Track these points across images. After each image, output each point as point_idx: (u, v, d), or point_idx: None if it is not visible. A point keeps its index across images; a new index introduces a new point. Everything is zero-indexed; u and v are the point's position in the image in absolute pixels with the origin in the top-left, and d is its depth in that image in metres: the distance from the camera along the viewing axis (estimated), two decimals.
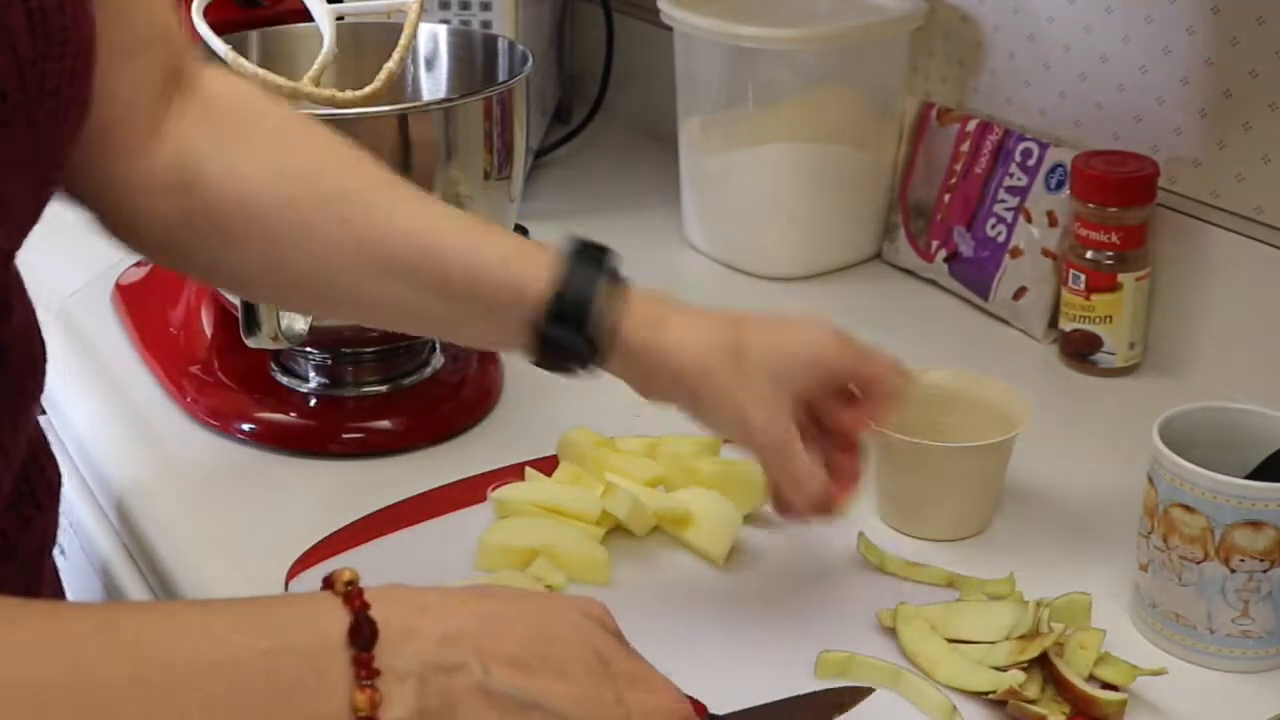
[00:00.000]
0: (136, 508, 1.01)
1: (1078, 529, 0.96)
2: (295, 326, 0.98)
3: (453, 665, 0.61)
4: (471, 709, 0.60)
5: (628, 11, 1.65)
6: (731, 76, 1.31)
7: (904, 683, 0.81)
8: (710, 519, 0.93)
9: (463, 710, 0.60)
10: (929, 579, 0.89)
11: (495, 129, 1.02)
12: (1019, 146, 1.23)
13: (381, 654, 0.59)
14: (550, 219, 1.45)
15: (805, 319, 0.86)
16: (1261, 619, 0.82)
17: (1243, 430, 0.86)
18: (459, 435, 1.07)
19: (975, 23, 1.30)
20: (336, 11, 1.06)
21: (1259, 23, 1.06)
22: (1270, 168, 1.08)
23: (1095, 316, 1.14)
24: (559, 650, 0.64)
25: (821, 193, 1.32)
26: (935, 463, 0.93)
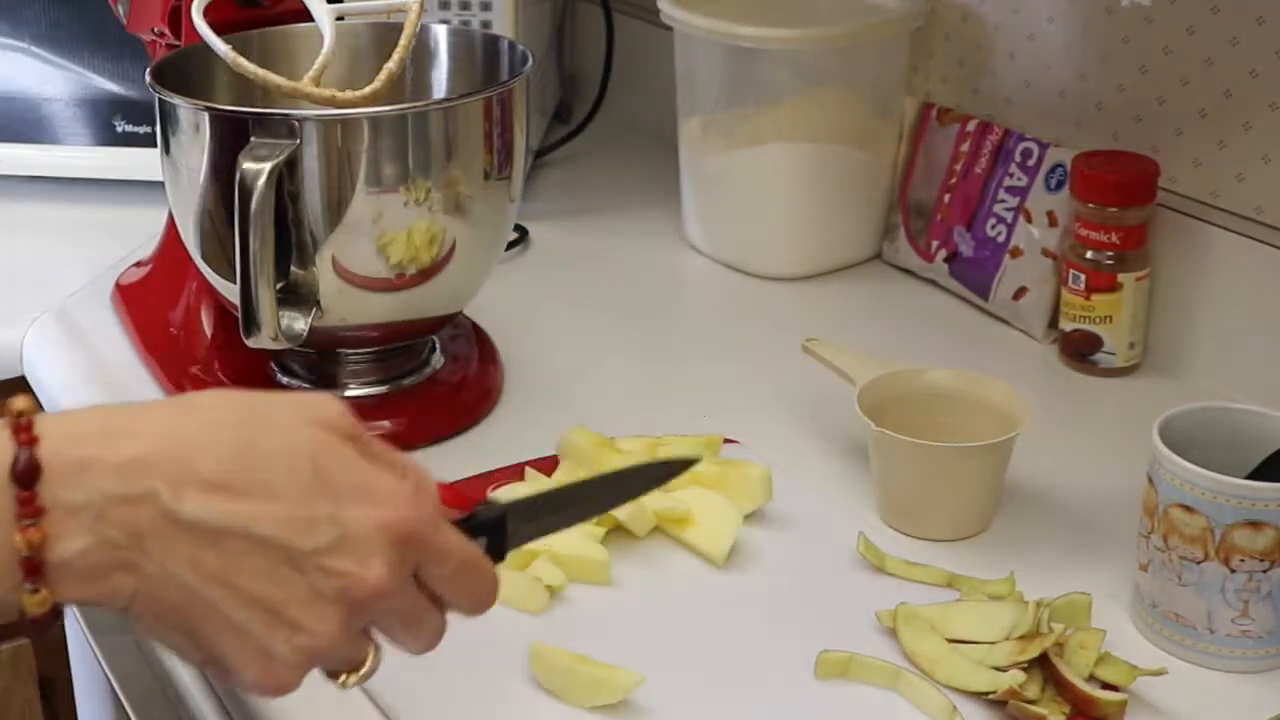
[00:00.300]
0: None
1: (1078, 529, 0.96)
2: (295, 326, 0.98)
3: (137, 495, 0.56)
4: (160, 541, 0.56)
5: (628, 11, 1.65)
6: (731, 76, 1.31)
7: (904, 683, 0.81)
8: (710, 519, 0.93)
9: (150, 542, 0.56)
10: (929, 579, 0.89)
11: (495, 129, 1.02)
12: (1019, 146, 1.23)
13: (49, 488, 0.55)
14: (550, 219, 1.46)
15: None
16: (1261, 619, 0.82)
17: (1243, 430, 0.86)
18: (459, 435, 1.07)
19: (975, 23, 1.30)
20: (336, 11, 1.06)
21: (1259, 23, 1.06)
22: (1270, 168, 1.08)
23: (1095, 316, 1.14)
24: (267, 465, 0.58)
25: (821, 193, 1.32)
26: (935, 463, 0.93)
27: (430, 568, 0.62)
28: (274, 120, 0.95)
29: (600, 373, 1.17)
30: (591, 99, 1.63)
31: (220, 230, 1.00)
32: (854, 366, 1.01)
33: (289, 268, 0.98)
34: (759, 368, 1.17)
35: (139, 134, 1.47)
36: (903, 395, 0.98)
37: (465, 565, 0.63)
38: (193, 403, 0.60)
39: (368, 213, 0.98)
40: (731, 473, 0.96)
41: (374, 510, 0.59)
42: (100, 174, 1.47)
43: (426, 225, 1.00)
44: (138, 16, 1.17)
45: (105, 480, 0.56)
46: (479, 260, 1.06)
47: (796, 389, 1.12)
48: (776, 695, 0.81)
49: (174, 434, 0.58)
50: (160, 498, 0.56)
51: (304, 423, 0.60)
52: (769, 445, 1.03)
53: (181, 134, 1.00)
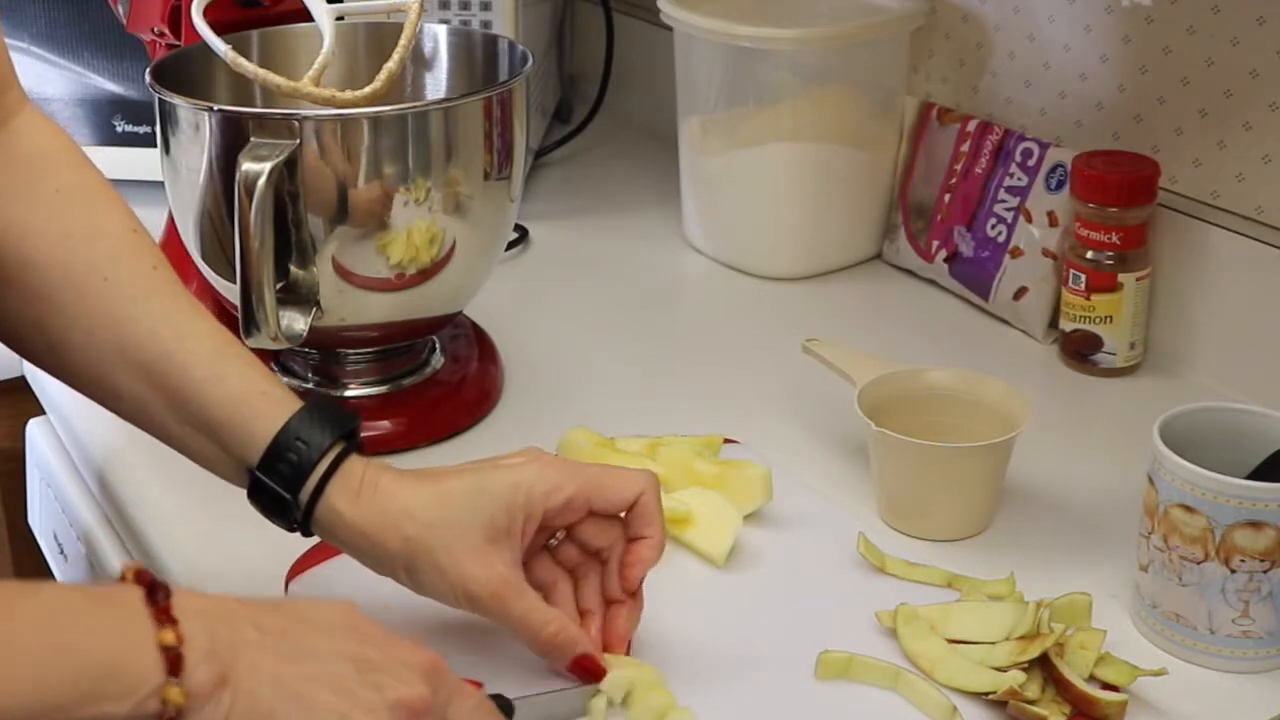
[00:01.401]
0: (136, 508, 1.01)
1: (1078, 529, 0.96)
2: (295, 326, 0.98)
3: (231, 623, 0.65)
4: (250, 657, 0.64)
5: (628, 11, 1.65)
6: (731, 76, 1.31)
7: (904, 683, 0.81)
8: (710, 519, 0.93)
9: (245, 657, 0.64)
10: (929, 579, 0.89)
11: (495, 129, 1.02)
12: (1019, 146, 1.23)
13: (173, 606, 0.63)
14: (550, 219, 1.46)
15: (519, 454, 0.81)
16: (1262, 619, 0.82)
17: (1243, 430, 0.86)
18: (459, 435, 1.07)
19: (976, 23, 1.30)
20: (336, 11, 1.06)
21: (1259, 23, 1.06)
22: (1270, 168, 1.08)
23: (1095, 316, 1.14)
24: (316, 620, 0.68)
25: (821, 193, 1.32)
26: (935, 463, 0.93)
27: (457, 702, 0.70)
28: (274, 120, 0.95)
29: (600, 373, 1.17)
30: (591, 99, 1.63)
31: (220, 230, 1.00)
32: (854, 366, 1.01)
33: (289, 268, 0.98)
34: (759, 368, 1.17)
35: (139, 134, 1.47)
36: (903, 395, 0.98)
37: (484, 704, 0.72)
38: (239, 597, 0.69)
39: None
40: (731, 473, 0.96)
41: (409, 653, 0.69)
42: None
43: (426, 225, 1.00)
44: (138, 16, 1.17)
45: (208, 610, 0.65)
46: (479, 260, 1.06)
47: (796, 389, 1.12)
48: (776, 695, 0.81)
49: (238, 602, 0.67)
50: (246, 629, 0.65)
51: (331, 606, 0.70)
52: (769, 445, 1.03)
53: (181, 134, 1.00)
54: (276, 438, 0.79)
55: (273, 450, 0.79)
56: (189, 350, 0.81)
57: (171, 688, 0.61)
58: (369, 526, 0.78)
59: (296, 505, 0.79)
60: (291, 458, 0.78)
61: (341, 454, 0.80)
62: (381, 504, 0.78)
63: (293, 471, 0.79)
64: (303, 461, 0.78)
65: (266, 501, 0.80)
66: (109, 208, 0.85)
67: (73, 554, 1.14)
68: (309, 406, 0.80)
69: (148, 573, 0.64)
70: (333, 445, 0.79)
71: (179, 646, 0.62)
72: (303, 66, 1.02)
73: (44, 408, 1.20)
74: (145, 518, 1.00)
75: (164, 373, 0.80)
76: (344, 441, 0.80)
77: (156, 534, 0.98)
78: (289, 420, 0.79)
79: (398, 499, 0.78)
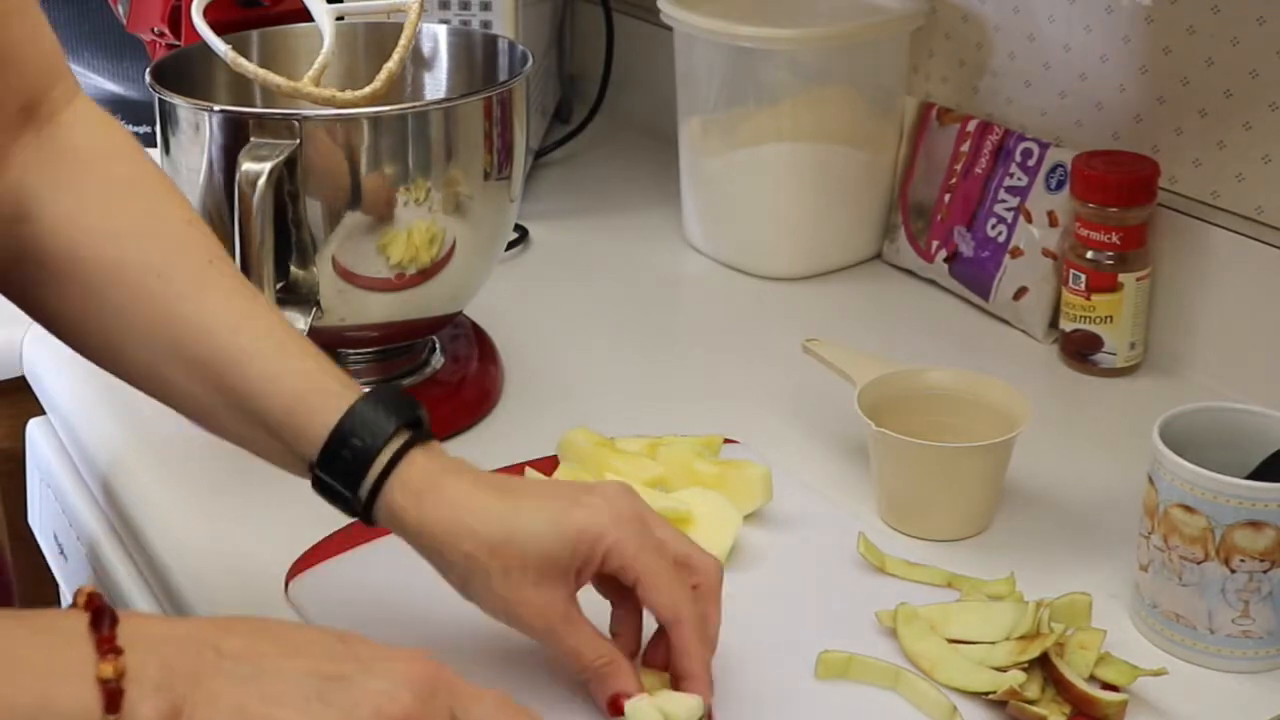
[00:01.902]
0: (136, 508, 1.01)
1: (1078, 529, 0.96)
2: (295, 326, 0.98)
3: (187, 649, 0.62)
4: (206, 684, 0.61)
5: (628, 11, 1.65)
6: (731, 76, 1.31)
7: (904, 683, 0.81)
8: (710, 519, 0.93)
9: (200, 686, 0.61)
10: (929, 579, 0.89)
11: (495, 129, 1.02)
12: (1019, 146, 1.23)
13: (122, 633, 0.60)
14: (550, 219, 1.46)
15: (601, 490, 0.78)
16: (1262, 619, 0.82)
17: (1243, 430, 0.86)
18: (459, 435, 1.07)
19: (976, 23, 1.30)
20: (336, 11, 1.06)
21: (1259, 23, 1.06)
22: (1270, 168, 1.08)
23: (1096, 316, 1.14)
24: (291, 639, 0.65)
25: (821, 193, 1.32)
26: (935, 463, 0.93)
27: (472, 708, 0.66)
28: (274, 120, 0.95)
29: (600, 373, 1.17)
30: (591, 99, 1.63)
31: (220, 230, 0.99)
32: (854, 366, 1.01)
33: (289, 268, 0.98)
34: (759, 368, 1.17)
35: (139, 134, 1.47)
36: (903, 395, 0.98)
37: (504, 700, 0.68)
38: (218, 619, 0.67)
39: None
40: (731, 473, 0.96)
41: (397, 661, 0.65)
42: None
43: (426, 225, 1.00)
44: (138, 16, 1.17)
45: (162, 636, 0.62)
46: (479, 260, 1.06)
47: (796, 389, 1.12)
48: (776, 695, 0.81)
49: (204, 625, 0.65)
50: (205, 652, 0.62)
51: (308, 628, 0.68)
52: (769, 445, 1.03)
53: (181, 134, 1.00)
54: (333, 434, 0.77)
55: (330, 447, 0.77)
56: (244, 348, 0.78)
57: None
58: (432, 532, 0.76)
59: (358, 500, 0.77)
60: (347, 455, 0.76)
61: (404, 446, 0.77)
62: (445, 513, 0.76)
63: (350, 469, 0.76)
64: (359, 458, 0.76)
65: (331, 496, 0.79)
66: (163, 200, 0.83)
67: (73, 554, 1.14)
68: (366, 398, 0.78)
69: (99, 597, 0.61)
70: (392, 437, 0.76)
71: (119, 680, 0.58)
72: (303, 66, 1.02)
73: (44, 408, 1.20)
74: (146, 518, 1.00)
75: (220, 372, 0.78)
76: (407, 431, 0.77)
77: (157, 534, 0.98)
78: (344, 415, 0.77)
79: (462, 510, 0.76)
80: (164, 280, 0.79)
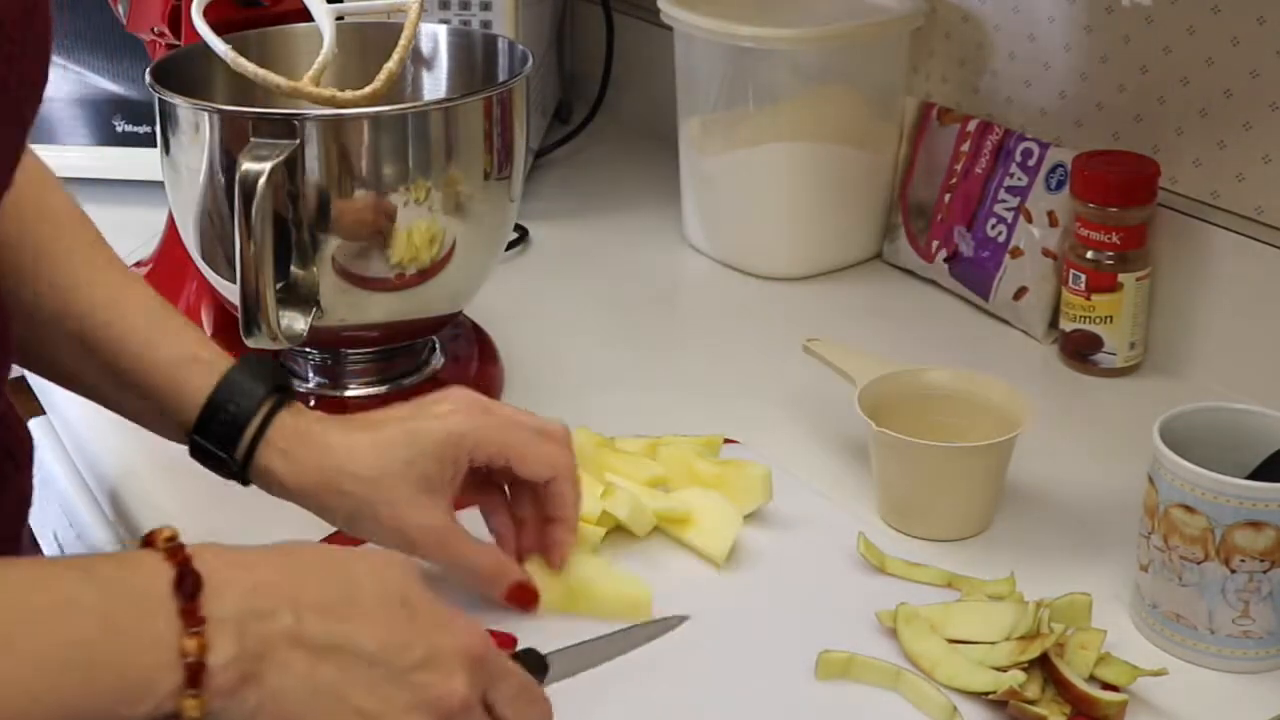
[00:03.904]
0: (136, 508, 1.01)
1: (1078, 529, 0.96)
2: (295, 326, 0.98)
3: (266, 612, 0.63)
4: (284, 654, 0.62)
5: (628, 11, 1.65)
6: (731, 76, 1.31)
7: (904, 683, 0.81)
8: (710, 519, 0.93)
9: (276, 655, 0.62)
10: (929, 579, 0.89)
11: (495, 129, 1.02)
12: (1019, 146, 1.23)
13: (204, 603, 0.61)
14: (550, 219, 1.46)
15: (448, 399, 0.85)
16: (1262, 619, 0.82)
17: (1243, 430, 0.86)
18: None
19: (976, 23, 1.30)
20: (336, 11, 1.06)
21: (1259, 23, 1.06)
22: (1270, 168, 1.08)
23: (1095, 316, 1.14)
24: (364, 595, 0.66)
25: (821, 193, 1.32)
26: (935, 463, 0.93)
27: (499, 686, 0.69)
28: (274, 120, 0.95)
29: (600, 373, 1.17)
30: (591, 99, 1.63)
31: (220, 230, 1.00)
32: (854, 366, 1.01)
33: (289, 268, 0.98)
34: (759, 368, 1.17)
35: (139, 134, 1.47)
36: (903, 395, 0.98)
37: (526, 686, 0.71)
38: (289, 546, 0.68)
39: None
40: (731, 473, 0.96)
41: (453, 638, 0.67)
42: (100, 174, 1.47)
43: (426, 225, 1.00)
44: (137, 16, 1.17)
45: (243, 598, 0.62)
46: (479, 260, 1.06)
47: (796, 389, 1.12)
48: (776, 695, 0.81)
49: (285, 566, 0.65)
50: (283, 616, 0.63)
51: (385, 564, 0.68)
52: (769, 445, 1.03)
53: (181, 134, 1.00)
54: (207, 402, 0.82)
55: (204, 414, 0.82)
56: (123, 319, 0.83)
57: (188, 699, 0.59)
58: (306, 484, 0.81)
59: (234, 462, 0.82)
60: (223, 418, 0.82)
61: (273, 409, 0.82)
62: (316, 460, 0.81)
63: (225, 432, 0.82)
64: (234, 422, 0.82)
65: (208, 462, 0.83)
66: (51, 187, 0.86)
67: (73, 554, 1.14)
68: (237, 367, 0.83)
69: (182, 549, 0.62)
70: (263, 401, 0.82)
71: (202, 656, 0.60)
72: (303, 66, 1.02)
73: (44, 408, 1.20)
74: (146, 518, 1.00)
75: (100, 341, 0.83)
76: (276, 395, 0.83)
77: None
78: (218, 384, 0.82)
79: (332, 454, 0.81)
80: (52, 258, 0.83)
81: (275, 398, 0.83)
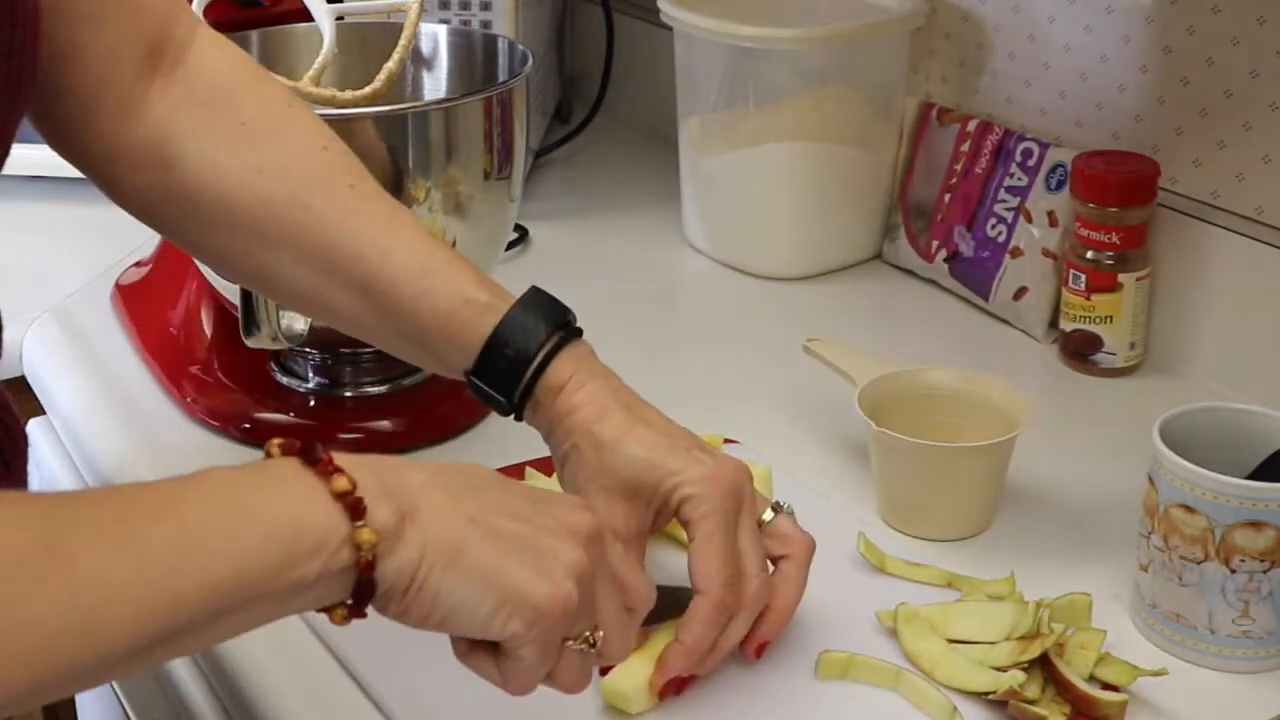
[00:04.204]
0: None
1: (1078, 529, 0.96)
2: (295, 326, 0.98)
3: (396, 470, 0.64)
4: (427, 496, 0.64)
5: (628, 11, 1.65)
6: (731, 76, 1.31)
7: (904, 683, 0.81)
8: None
9: (422, 496, 0.63)
10: (929, 579, 0.89)
11: (495, 129, 1.02)
12: (1019, 146, 1.23)
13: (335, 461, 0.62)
14: (550, 219, 1.46)
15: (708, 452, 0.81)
16: (1262, 619, 0.82)
17: (1243, 430, 0.86)
18: (459, 435, 1.07)
19: (976, 23, 1.30)
20: (336, 11, 1.06)
21: (1259, 23, 1.06)
22: (1270, 168, 1.08)
23: (1095, 316, 1.14)
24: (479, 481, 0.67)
25: (821, 193, 1.32)
26: (935, 463, 0.93)
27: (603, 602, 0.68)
28: None
29: None
30: (591, 99, 1.63)
31: None
32: (854, 366, 1.01)
33: None
34: (759, 368, 1.17)
35: None
36: (903, 395, 0.98)
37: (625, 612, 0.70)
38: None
39: None
40: None
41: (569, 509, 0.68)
42: None
43: (426, 225, 1.00)
44: None
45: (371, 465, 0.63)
46: (479, 260, 1.06)
47: (796, 389, 1.12)
48: (776, 695, 0.81)
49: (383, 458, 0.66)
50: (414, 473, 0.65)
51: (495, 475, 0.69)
52: (769, 445, 1.03)
53: None
54: (487, 344, 0.81)
55: (481, 362, 0.81)
56: (394, 268, 0.82)
57: (361, 530, 0.60)
58: (558, 422, 0.81)
59: (511, 403, 0.82)
60: (501, 365, 0.81)
61: (554, 349, 0.82)
62: (573, 407, 0.81)
63: (505, 376, 0.81)
64: (513, 366, 0.81)
65: (484, 399, 0.83)
66: (296, 129, 0.86)
67: None
68: (516, 308, 0.82)
69: (294, 443, 0.63)
70: (541, 346, 0.81)
71: (354, 491, 0.60)
72: (303, 66, 1.02)
73: (44, 408, 1.20)
74: None
75: (375, 292, 0.82)
76: (558, 333, 0.82)
77: None
78: (498, 325, 0.81)
79: (588, 410, 0.81)
80: (312, 211, 0.83)
81: (558, 337, 0.82)
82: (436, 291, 0.82)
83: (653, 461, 0.79)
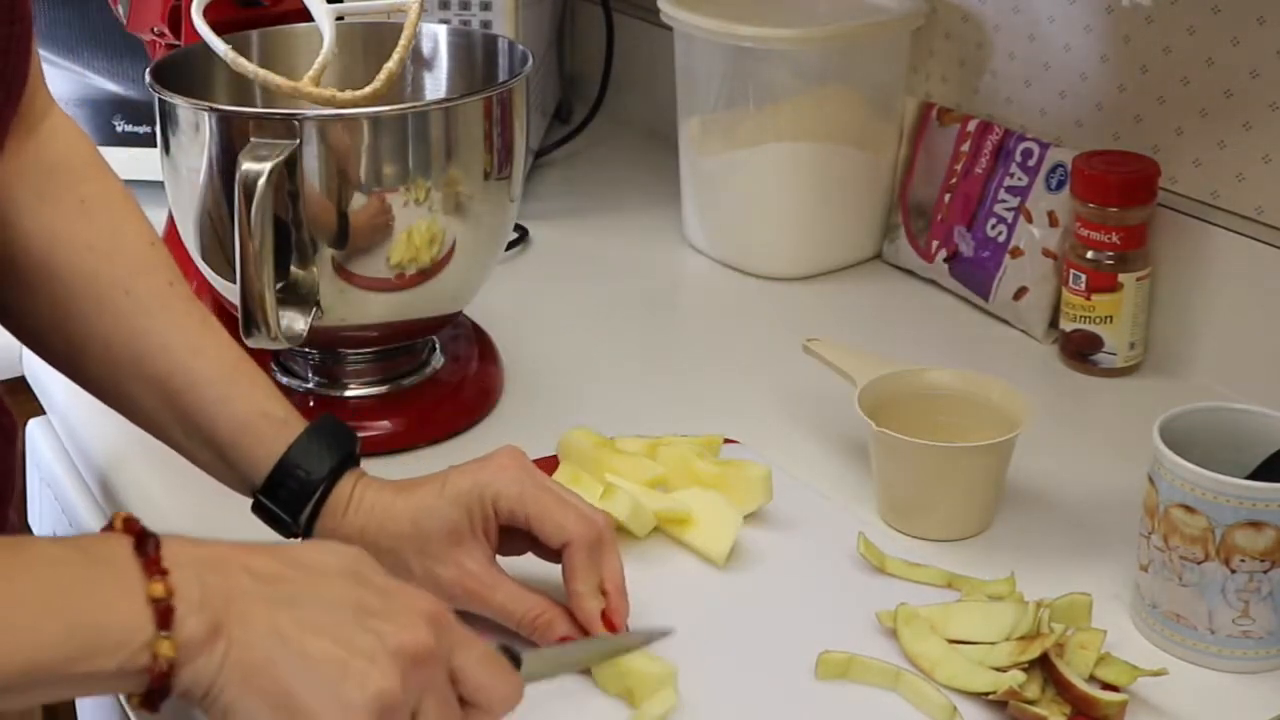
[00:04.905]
0: (136, 507, 1.01)
1: (1078, 529, 0.96)
2: (295, 326, 0.98)
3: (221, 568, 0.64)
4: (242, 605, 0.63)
5: (628, 11, 1.65)
6: (731, 76, 1.31)
7: (904, 683, 0.81)
8: (710, 519, 0.93)
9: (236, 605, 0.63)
10: (929, 579, 0.89)
11: (495, 129, 1.02)
12: (1019, 146, 1.23)
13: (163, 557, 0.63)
14: (550, 219, 1.46)
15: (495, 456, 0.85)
16: (1262, 619, 0.82)
17: (1243, 430, 0.86)
18: (459, 435, 1.07)
19: (976, 23, 1.30)
20: (336, 11, 1.06)
21: (1259, 23, 1.06)
22: (1270, 168, 1.08)
23: (1096, 316, 1.14)
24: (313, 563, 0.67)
25: (821, 193, 1.32)
26: (935, 463, 0.93)
27: (463, 652, 0.68)
28: (274, 120, 0.95)
29: (600, 373, 1.17)
30: (591, 99, 1.63)
31: (220, 230, 1.00)
32: (854, 366, 1.01)
33: (289, 268, 0.98)
34: (759, 368, 1.17)
35: (139, 134, 1.47)
36: (903, 395, 0.98)
37: (493, 655, 0.70)
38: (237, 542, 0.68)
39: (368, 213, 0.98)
40: (731, 473, 0.96)
41: (411, 599, 0.68)
42: None
43: (426, 225, 1.00)
44: (137, 16, 1.17)
45: (198, 559, 0.64)
46: (479, 260, 1.06)
47: (796, 389, 1.12)
48: (776, 695, 0.81)
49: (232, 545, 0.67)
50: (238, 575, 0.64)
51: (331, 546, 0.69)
52: (769, 445, 1.03)
53: (181, 134, 1.00)
54: (277, 465, 0.83)
55: (274, 477, 0.84)
56: (199, 369, 0.84)
57: (162, 641, 0.60)
58: (357, 541, 0.81)
59: (297, 525, 0.84)
60: (291, 485, 0.83)
61: (335, 473, 0.84)
62: (362, 521, 0.83)
63: (292, 497, 0.83)
64: (302, 489, 0.83)
65: (269, 519, 0.85)
66: (129, 219, 0.87)
67: None
68: (309, 432, 0.84)
69: (137, 521, 0.64)
70: (331, 471, 0.84)
71: (169, 599, 0.61)
72: (303, 66, 1.02)
73: (44, 408, 1.20)
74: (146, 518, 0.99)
75: (175, 390, 0.84)
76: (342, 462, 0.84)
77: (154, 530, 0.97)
78: (290, 448, 0.83)
79: (375, 515, 0.83)
80: (131, 297, 0.84)
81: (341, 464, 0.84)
82: (238, 399, 0.84)
83: (447, 501, 0.82)
